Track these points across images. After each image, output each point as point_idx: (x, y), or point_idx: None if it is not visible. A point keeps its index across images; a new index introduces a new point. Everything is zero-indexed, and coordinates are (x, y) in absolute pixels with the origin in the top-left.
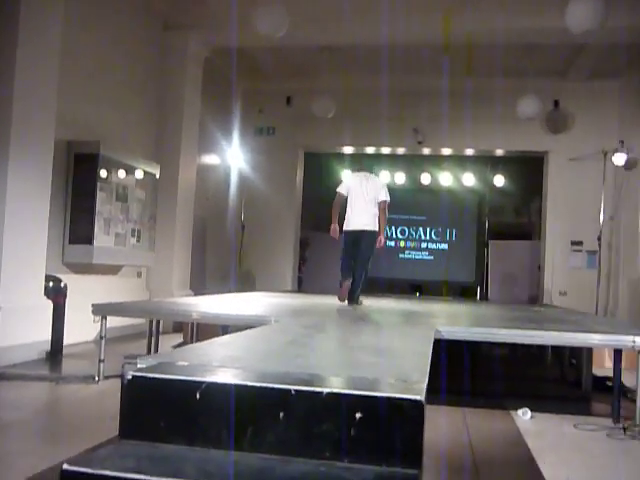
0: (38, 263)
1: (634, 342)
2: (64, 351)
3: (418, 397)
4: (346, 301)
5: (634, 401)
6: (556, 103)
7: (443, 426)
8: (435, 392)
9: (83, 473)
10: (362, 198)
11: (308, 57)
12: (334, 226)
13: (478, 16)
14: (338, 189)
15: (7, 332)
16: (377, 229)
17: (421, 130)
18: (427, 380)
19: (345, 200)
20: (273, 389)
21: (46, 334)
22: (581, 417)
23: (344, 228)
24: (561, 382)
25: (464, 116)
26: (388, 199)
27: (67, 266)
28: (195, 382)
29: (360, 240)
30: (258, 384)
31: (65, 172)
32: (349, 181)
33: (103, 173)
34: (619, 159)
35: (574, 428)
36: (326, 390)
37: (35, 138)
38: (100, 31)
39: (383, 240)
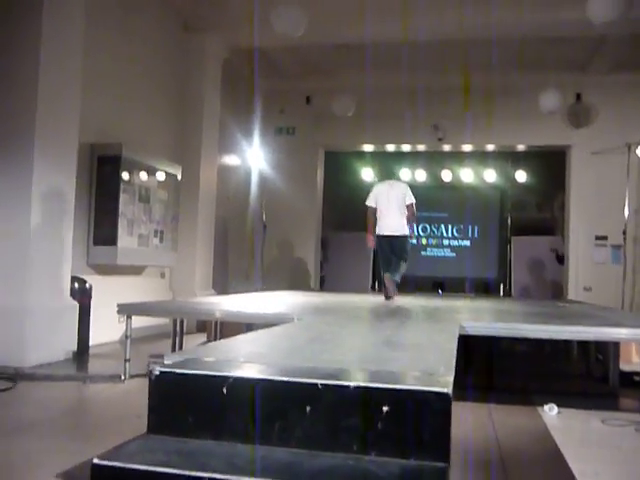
0: (64, 265)
1: None
2: (90, 351)
3: (445, 390)
4: (391, 299)
5: None
6: (578, 96)
7: (469, 422)
8: (460, 388)
9: (113, 467)
10: (389, 205)
11: (327, 56)
12: (370, 236)
13: (498, 9)
14: (367, 202)
15: (34, 333)
16: (407, 232)
17: (441, 127)
18: (453, 374)
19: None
20: (300, 383)
21: (72, 335)
22: (609, 412)
23: (377, 233)
24: (588, 378)
25: (485, 112)
26: (414, 201)
27: (92, 267)
28: (222, 377)
29: (393, 245)
30: (285, 379)
31: (89, 174)
32: (375, 191)
33: (125, 175)
34: None
35: (602, 423)
36: (353, 384)
37: (59, 141)
38: (121, 33)
39: (413, 236)
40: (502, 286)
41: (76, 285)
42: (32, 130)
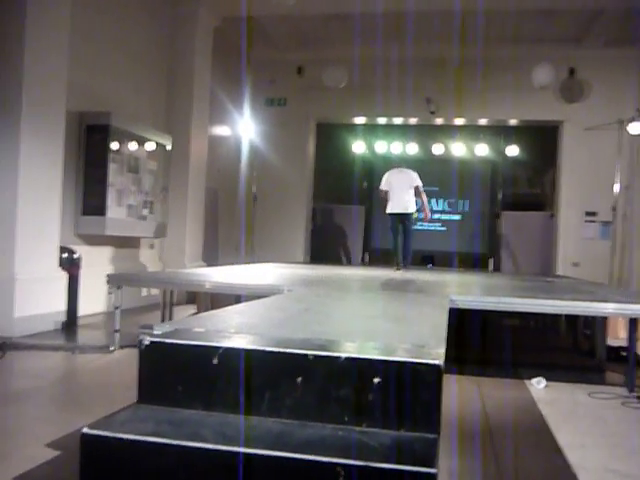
0: (52, 234)
1: None
2: (79, 322)
3: (436, 362)
4: (400, 270)
5: None
6: (571, 71)
7: (458, 395)
8: (450, 361)
9: (103, 436)
10: (399, 187)
11: (319, 26)
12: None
13: None
14: (381, 187)
15: (23, 303)
16: (413, 210)
17: (434, 100)
18: (444, 346)
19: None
20: (291, 354)
21: (61, 305)
22: (595, 386)
23: (388, 211)
24: (575, 352)
25: (477, 85)
26: (420, 183)
27: (80, 237)
28: (212, 347)
29: (403, 220)
30: (276, 349)
31: (77, 144)
32: (388, 177)
33: (114, 144)
34: (635, 128)
35: (588, 397)
36: (344, 355)
37: (46, 109)
38: (109, 1)
39: (429, 213)
40: (491, 260)
41: (65, 255)
42: (19, 98)
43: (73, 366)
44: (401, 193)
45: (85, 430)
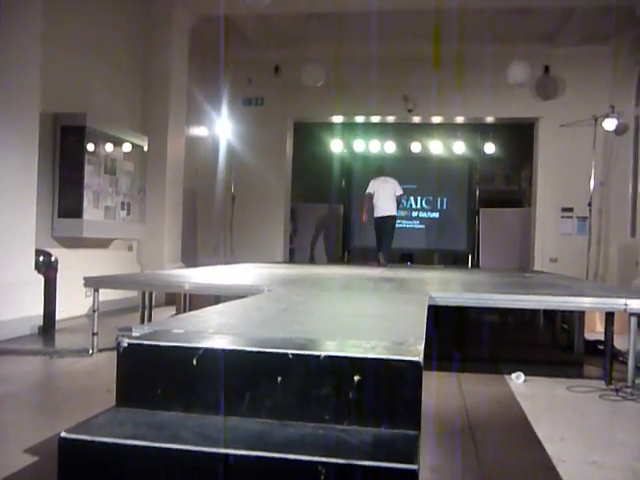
0: (28, 237)
1: (626, 305)
2: (57, 326)
3: (416, 358)
4: (384, 267)
5: (625, 363)
6: (546, 69)
7: (438, 391)
8: (430, 358)
9: (81, 441)
10: (384, 195)
11: (297, 25)
12: (365, 215)
13: None
14: (367, 191)
15: None
16: (395, 214)
17: (411, 98)
18: (424, 343)
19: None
20: (270, 354)
21: (38, 309)
22: (574, 380)
23: (374, 215)
24: (553, 347)
25: (454, 83)
26: (402, 192)
27: (57, 240)
28: (192, 348)
29: (386, 222)
30: (255, 349)
31: (52, 145)
32: (374, 184)
33: (90, 146)
34: (610, 124)
35: (567, 390)
36: (324, 354)
37: (20, 110)
38: (84, 1)
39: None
40: (470, 257)
41: (41, 258)
42: None
43: (51, 370)
44: (386, 199)
45: (63, 434)
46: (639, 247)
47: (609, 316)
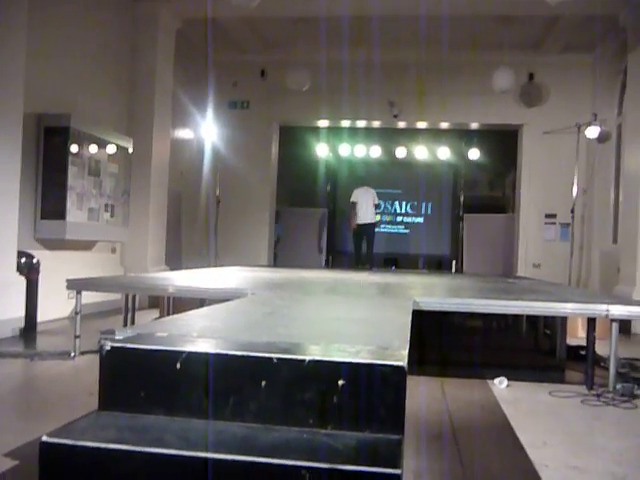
0: (9, 238)
1: (608, 311)
2: (38, 328)
3: (400, 363)
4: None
5: (607, 369)
6: (531, 76)
7: (421, 395)
8: (413, 363)
9: (63, 445)
10: (365, 203)
11: (283, 29)
12: (353, 222)
13: None
14: (351, 200)
15: None
16: (375, 221)
17: (397, 103)
18: (408, 347)
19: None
20: (255, 358)
21: (19, 311)
22: (556, 385)
23: (356, 222)
24: (536, 352)
25: (439, 89)
26: (377, 201)
27: (39, 242)
28: (175, 352)
29: (367, 229)
30: (239, 353)
31: (35, 146)
32: (357, 193)
33: (74, 147)
34: (592, 132)
35: (549, 395)
36: (308, 358)
37: (2, 111)
38: (69, 2)
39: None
40: (454, 263)
41: (23, 260)
42: None
43: (32, 373)
44: (367, 208)
45: (44, 438)
46: (620, 254)
47: (591, 322)
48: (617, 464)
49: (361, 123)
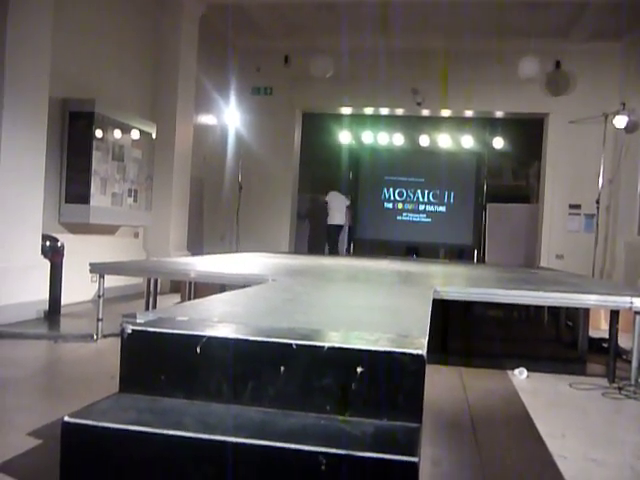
0: (35, 222)
1: (632, 303)
2: (62, 311)
3: (419, 351)
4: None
5: (629, 362)
6: (557, 64)
7: (441, 385)
8: (433, 352)
9: (84, 425)
10: (336, 207)
11: (306, 15)
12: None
13: None
14: (326, 199)
15: (5, 291)
16: (343, 223)
17: (420, 91)
18: (427, 336)
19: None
20: (274, 343)
21: (44, 293)
22: (577, 377)
23: (328, 223)
24: (557, 343)
25: (464, 77)
26: (349, 203)
27: (64, 226)
28: (196, 336)
29: (335, 229)
30: (259, 338)
31: (60, 130)
32: (329, 197)
33: (98, 132)
34: (620, 122)
35: (569, 387)
36: (327, 344)
37: (29, 95)
38: None
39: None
40: (476, 252)
41: (47, 243)
42: (1, 84)
43: (55, 355)
44: (337, 211)
45: (66, 419)
46: None
47: (614, 314)
48: (637, 458)
49: (384, 110)
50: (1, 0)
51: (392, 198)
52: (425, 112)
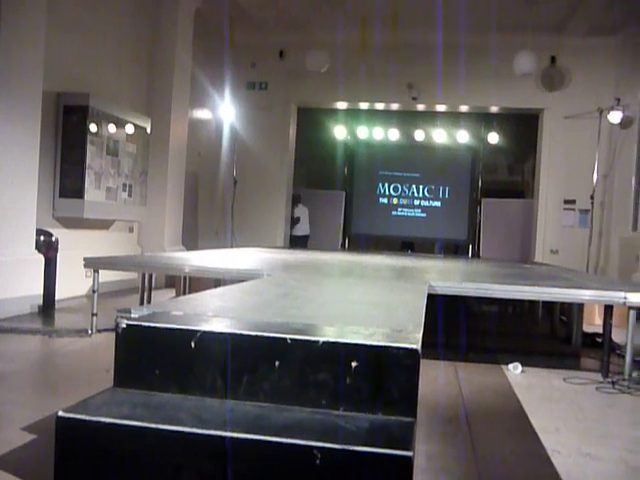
0: (29, 216)
1: (625, 298)
2: (56, 305)
3: (414, 346)
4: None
5: (623, 357)
6: (553, 59)
7: (436, 379)
8: (428, 347)
9: (79, 420)
10: (303, 219)
11: (302, 10)
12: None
13: None
14: (295, 216)
15: None
16: (308, 233)
17: (415, 86)
18: (422, 331)
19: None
20: (269, 338)
21: (38, 288)
22: (571, 372)
23: (295, 233)
24: (551, 338)
25: (459, 72)
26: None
27: (58, 220)
28: (190, 331)
29: (301, 240)
30: (254, 333)
31: (54, 124)
32: (297, 211)
33: (93, 126)
34: (615, 117)
35: (564, 382)
36: (322, 339)
37: (23, 89)
38: None
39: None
40: (471, 247)
41: (42, 238)
42: None
43: (50, 350)
44: (303, 223)
45: (61, 413)
46: None
47: (608, 309)
48: (630, 452)
49: (379, 105)
50: None
51: (387, 193)
52: (420, 107)
